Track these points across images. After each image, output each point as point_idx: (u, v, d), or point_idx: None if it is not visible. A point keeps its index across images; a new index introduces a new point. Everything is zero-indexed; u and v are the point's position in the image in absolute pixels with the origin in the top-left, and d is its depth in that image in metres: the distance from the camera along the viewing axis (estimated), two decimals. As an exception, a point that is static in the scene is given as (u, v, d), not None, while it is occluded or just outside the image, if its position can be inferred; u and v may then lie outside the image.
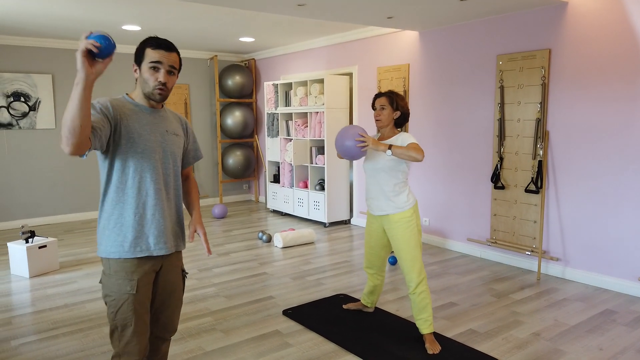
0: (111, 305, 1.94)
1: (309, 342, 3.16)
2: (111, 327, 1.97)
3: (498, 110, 4.78)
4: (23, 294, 4.11)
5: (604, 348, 3.05)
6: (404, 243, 3.04)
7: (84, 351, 3.07)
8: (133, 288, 1.92)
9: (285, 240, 5.46)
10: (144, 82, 1.94)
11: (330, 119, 6.34)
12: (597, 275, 4.18)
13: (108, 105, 1.88)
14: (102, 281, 1.97)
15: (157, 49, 1.92)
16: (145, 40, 1.96)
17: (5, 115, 6.44)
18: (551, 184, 4.45)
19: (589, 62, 4.10)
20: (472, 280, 4.34)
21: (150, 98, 1.97)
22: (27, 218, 6.77)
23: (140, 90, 1.98)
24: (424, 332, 3.07)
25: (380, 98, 3.12)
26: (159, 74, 1.93)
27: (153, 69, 1.92)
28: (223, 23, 5.56)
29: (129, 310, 1.93)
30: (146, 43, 1.94)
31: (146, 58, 1.92)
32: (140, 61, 1.95)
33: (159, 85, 1.93)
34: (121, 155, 1.91)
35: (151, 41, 1.94)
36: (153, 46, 1.92)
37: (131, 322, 1.94)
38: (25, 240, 4.56)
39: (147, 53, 1.92)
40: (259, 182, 8.61)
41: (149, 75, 1.93)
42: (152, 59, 1.91)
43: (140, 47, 1.95)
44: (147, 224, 1.96)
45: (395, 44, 5.80)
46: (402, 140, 3.03)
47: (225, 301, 3.89)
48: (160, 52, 1.92)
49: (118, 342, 1.96)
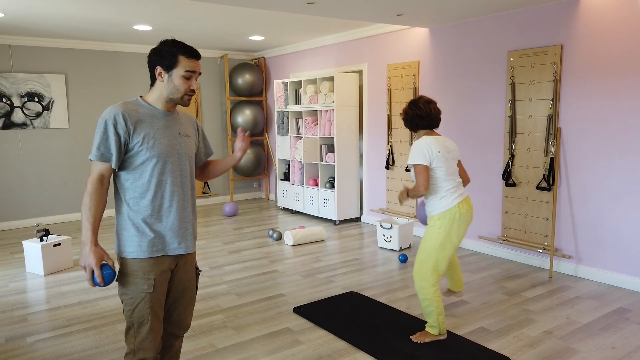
0: (128, 303, 1.97)
1: (319, 340, 3.17)
2: (127, 324, 1.99)
3: (509, 107, 4.74)
4: (38, 292, 4.17)
5: (617, 347, 3.03)
6: (421, 243, 3.06)
7: (97, 348, 3.11)
8: (150, 287, 1.95)
9: (296, 238, 5.48)
10: (174, 88, 1.96)
11: (340, 117, 6.34)
12: (609, 273, 4.14)
13: (121, 120, 1.88)
14: (119, 279, 1.99)
15: (191, 57, 1.95)
16: (174, 45, 1.94)
17: (20, 115, 6.54)
18: (563, 181, 4.41)
19: (601, 57, 4.06)
20: (483, 278, 4.32)
21: (178, 103, 2.02)
22: (42, 216, 6.87)
23: (161, 94, 1.98)
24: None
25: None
26: (192, 82, 1.98)
27: (187, 78, 1.96)
28: (233, 22, 5.59)
29: (146, 308, 1.96)
30: (178, 50, 1.93)
31: (179, 66, 1.93)
32: (170, 67, 1.94)
33: (191, 92, 1.99)
34: (138, 158, 1.93)
35: (184, 49, 1.94)
36: (187, 55, 1.94)
37: (147, 319, 1.97)
38: (40, 238, 4.63)
39: (181, 61, 1.93)
40: (269, 180, 8.64)
41: (182, 83, 1.95)
42: (188, 68, 1.94)
43: (169, 52, 1.93)
44: (164, 225, 2.00)
45: (405, 41, 5.78)
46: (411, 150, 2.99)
47: (236, 299, 3.92)
48: (193, 62, 1.96)
49: (134, 339, 1.99)
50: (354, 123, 6.52)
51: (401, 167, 5.98)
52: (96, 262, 1.85)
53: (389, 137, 6.08)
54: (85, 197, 1.87)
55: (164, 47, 1.95)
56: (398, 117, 5.94)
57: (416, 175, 2.93)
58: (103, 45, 7.01)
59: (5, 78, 6.40)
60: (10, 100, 6.45)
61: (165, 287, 2.04)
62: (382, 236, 5.31)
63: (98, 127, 1.90)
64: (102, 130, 1.88)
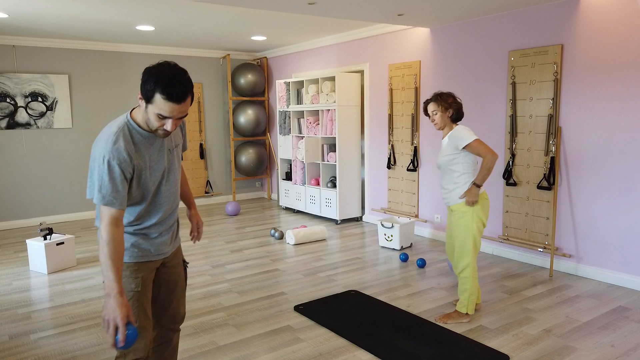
0: None
1: (320, 338, 3.20)
2: None
3: (510, 107, 4.76)
4: (41, 290, 4.21)
5: (616, 345, 3.04)
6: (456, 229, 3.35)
7: (100, 345, 3.14)
8: (138, 285, 1.95)
9: (297, 237, 5.50)
10: (148, 120, 1.79)
11: (341, 117, 6.36)
12: (610, 272, 4.15)
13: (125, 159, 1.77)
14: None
15: (169, 101, 1.69)
16: (158, 79, 1.68)
17: (24, 115, 6.58)
18: (564, 180, 4.42)
19: (602, 57, 4.07)
20: (483, 277, 4.34)
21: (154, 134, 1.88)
22: (45, 215, 6.91)
23: (143, 117, 1.83)
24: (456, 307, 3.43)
25: (430, 104, 3.37)
26: (166, 123, 1.77)
27: (160, 117, 1.75)
28: (235, 22, 5.61)
29: (135, 307, 1.94)
30: (158, 87, 1.68)
31: (155, 104, 1.71)
32: (148, 99, 1.72)
33: (166, 133, 1.82)
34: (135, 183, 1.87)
35: (165, 89, 1.68)
36: (165, 97, 1.68)
37: (136, 318, 1.95)
38: (44, 237, 4.67)
39: (157, 101, 1.70)
40: (271, 179, 8.67)
41: (154, 120, 1.76)
42: (161, 112, 1.72)
43: (150, 82, 1.69)
44: (155, 239, 2.01)
45: (407, 41, 5.80)
46: (455, 137, 3.23)
47: (237, 297, 3.95)
48: (171, 105, 1.71)
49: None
50: (355, 123, 6.54)
51: (402, 166, 6.00)
52: (122, 317, 1.70)
53: (391, 137, 6.10)
54: (103, 247, 1.72)
55: (150, 72, 1.71)
56: (399, 117, 5.96)
57: (478, 148, 3.18)
58: (106, 46, 7.05)
59: (9, 78, 6.45)
60: (14, 100, 6.50)
61: (152, 285, 2.04)
62: (383, 235, 5.33)
63: (99, 166, 1.73)
64: (107, 172, 1.73)
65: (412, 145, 5.83)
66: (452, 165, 3.29)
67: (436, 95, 3.33)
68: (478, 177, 3.23)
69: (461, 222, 3.30)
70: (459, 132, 3.25)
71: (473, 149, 3.20)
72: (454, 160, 3.28)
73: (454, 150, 3.26)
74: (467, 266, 3.31)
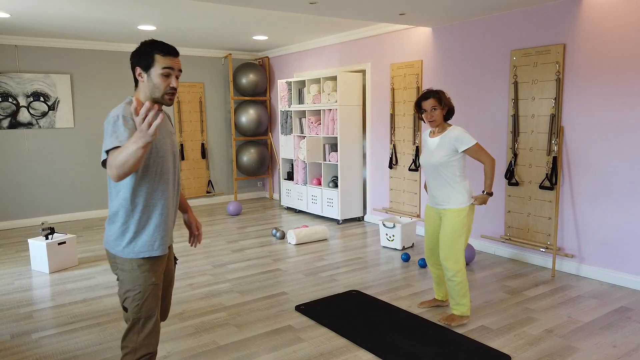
0: (136, 298, 1.99)
1: (321, 337, 3.19)
2: (133, 321, 2.01)
3: (512, 106, 4.74)
4: (43, 289, 4.22)
5: (618, 345, 3.03)
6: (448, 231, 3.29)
7: (102, 344, 3.15)
8: (157, 279, 2.03)
9: (299, 237, 5.50)
10: (154, 87, 1.95)
11: (343, 116, 6.36)
12: (612, 272, 4.14)
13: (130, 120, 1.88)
14: (123, 278, 2.01)
15: (167, 55, 1.94)
16: (150, 44, 1.94)
17: (26, 114, 6.59)
18: (566, 180, 4.41)
19: (604, 56, 4.05)
20: (485, 277, 4.33)
21: (160, 102, 1.99)
22: (47, 215, 6.92)
23: (146, 94, 1.97)
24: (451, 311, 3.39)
25: (429, 100, 3.22)
26: (171, 80, 1.96)
27: (165, 76, 1.94)
28: (236, 22, 5.61)
29: (154, 301, 2.01)
30: (154, 48, 1.93)
31: (156, 64, 1.93)
32: (148, 67, 1.94)
33: (172, 90, 1.97)
34: (145, 163, 1.95)
35: (159, 47, 1.94)
36: (163, 52, 1.94)
37: (154, 312, 2.02)
38: (45, 236, 4.68)
39: (157, 59, 1.93)
40: (273, 179, 8.67)
41: (161, 82, 1.94)
42: (165, 65, 1.93)
43: (145, 51, 1.93)
44: (167, 225, 2.06)
45: (408, 40, 5.79)
46: (454, 138, 3.16)
47: (239, 297, 3.95)
48: (170, 59, 1.95)
49: (136, 337, 2.01)
50: (357, 122, 6.53)
51: (404, 166, 5.99)
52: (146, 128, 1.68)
53: (392, 137, 6.09)
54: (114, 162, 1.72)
55: (141, 47, 1.96)
56: (401, 117, 5.96)
57: (479, 153, 3.15)
58: (108, 46, 7.06)
59: (12, 78, 6.46)
60: (16, 100, 6.51)
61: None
62: (384, 235, 5.32)
63: (114, 122, 1.84)
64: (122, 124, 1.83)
65: (414, 145, 5.82)
66: (447, 167, 3.19)
67: (435, 91, 3.23)
68: (487, 184, 3.19)
69: (457, 226, 3.22)
70: (459, 134, 3.15)
71: (473, 153, 3.15)
72: (449, 162, 3.18)
73: (451, 152, 3.17)
74: (461, 269, 3.25)
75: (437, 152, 3.21)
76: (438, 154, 3.20)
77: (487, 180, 3.18)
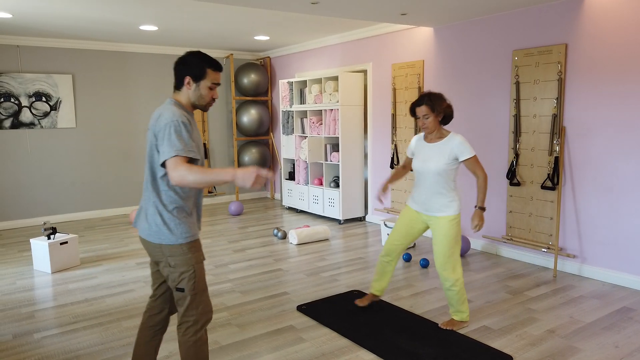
0: (191, 277, 2.20)
1: (322, 337, 3.19)
2: (190, 298, 2.21)
3: (514, 106, 4.74)
4: (45, 289, 4.22)
5: (620, 346, 3.03)
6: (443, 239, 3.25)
7: (103, 344, 3.15)
8: (203, 255, 2.28)
9: (300, 237, 5.50)
10: (200, 96, 2.22)
11: (344, 116, 6.36)
12: (614, 273, 4.13)
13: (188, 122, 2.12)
14: (174, 262, 2.19)
15: (217, 71, 2.22)
16: (202, 58, 2.18)
17: (28, 114, 6.61)
18: (568, 180, 4.40)
19: (606, 56, 4.05)
20: (487, 277, 4.33)
21: (200, 109, 2.28)
22: (49, 215, 6.94)
23: (188, 99, 2.23)
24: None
25: (420, 107, 3.11)
26: (214, 93, 2.25)
27: (211, 89, 2.22)
28: (238, 22, 5.62)
29: (202, 275, 2.25)
30: (206, 63, 2.18)
31: (207, 78, 2.19)
32: (198, 78, 2.19)
33: (212, 102, 2.27)
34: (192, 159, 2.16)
35: (212, 63, 2.20)
36: (214, 68, 2.20)
37: (205, 284, 2.27)
38: (47, 236, 4.69)
39: (209, 74, 2.19)
40: (274, 179, 8.67)
41: (207, 93, 2.22)
42: (215, 81, 2.22)
43: (198, 64, 2.17)
44: (200, 210, 2.34)
45: (410, 40, 5.78)
46: (456, 147, 3.09)
47: (240, 297, 3.95)
48: (219, 75, 2.24)
49: (196, 310, 2.23)
50: (358, 122, 6.53)
51: (406, 166, 5.98)
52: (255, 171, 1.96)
53: (394, 137, 6.09)
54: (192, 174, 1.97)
55: (192, 59, 2.18)
56: (403, 117, 5.95)
57: (475, 165, 3.11)
58: (110, 46, 7.07)
59: (14, 78, 6.47)
60: (18, 100, 6.52)
61: None
62: (386, 235, 5.32)
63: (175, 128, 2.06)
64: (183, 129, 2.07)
65: (416, 145, 5.82)
66: (444, 175, 3.12)
67: (426, 97, 3.10)
68: (481, 199, 3.11)
69: (452, 234, 3.15)
70: (461, 143, 3.08)
71: (470, 164, 3.10)
72: (447, 169, 3.11)
73: (451, 159, 3.10)
74: (459, 278, 3.20)
75: (438, 159, 3.12)
76: (439, 160, 3.12)
77: (481, 194, 3.11)
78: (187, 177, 1.98)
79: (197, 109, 2.28)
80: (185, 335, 2.23)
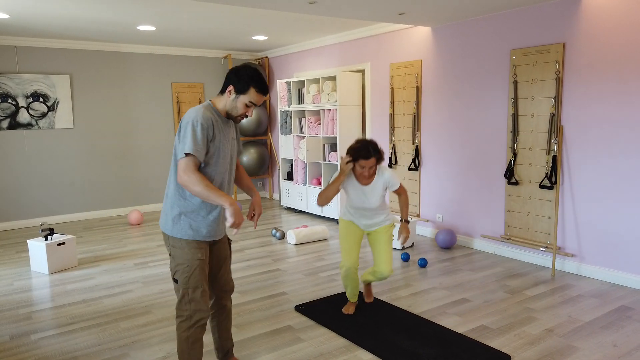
0: (184, 272, 2.29)
1: (320, 337, 3.19)
2: (182, 293, 2.30)
3: (512, 106, 4.74)
4: (42, 290, 4.21)
5: (618, 345, 3.03)
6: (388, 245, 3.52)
7: (101, 345, 3.14)
8: (203, 255, 2.33)
9: (299, 237, 5.50)
10: (235, 107, 2.31)
11: (343, 116, 6.35)
12: (612, 272, 4.13)
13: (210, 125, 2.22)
14: (173, 253, 2.31)
15: (260, 93, 2.29)
16: (252, 77, 2.25)
17: (25, 115, 6.59)
18: (566, 179, 4.40)
19: (604, 56, 4.05)
20: (485, 277, 4.33)
21: (232, 119, 2.36)
22: (47, 216, 6.92)
23: (225, 105, 2.32)
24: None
25: (369, 160, 3.18)
26: (249, 110, 2.33)
27: (248, 106, 2.30)
28: (236, 22, 5.61)
29: (201, 274, 2.31)
30: (253, 82, 2.25)
31: (248, 94, 2.27)
32: (240, 91, 2.27)
33: (244, 117, 2.35)
34: (208, 159, 2.26)
35: (259, 84, 2.26)
36: (258, 89, 2.27)
37: (201, 283, 2.31)
38: (45, 237, 4.67)
39: (251, 92, 2.27)
40: (272, 179, 8.66)
41: (242, 107, 2.30)
42: (253, 100, 2.29)
43: (246, 80, 2.24)
44: (214, 220, 2.36)
45: (408, 40, 5.78)
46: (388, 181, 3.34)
47: (239, 297, 3.94)
48: (260, 97, 2.30)
49: (189, 306, 2.31)
50: (356, 122, 6.53)
51: (404, 166, 5.99)
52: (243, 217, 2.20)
53: (392, 136, 6.09)
54: (197, 184, 2.13)
55: (244, 72, 2.26)
56: (401, 116, 5.95)
57: (402, 189, 3.43)
58: (107, 46, 7.06)
59: (11, 79, 6.46)
60: (15, 100, 6.50)
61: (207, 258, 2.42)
62: (384, 235, 5.31)
63: (193, 127, 2.16)
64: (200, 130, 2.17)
65: (414, 145, 5.82)
66: (381, 201, 3.40)
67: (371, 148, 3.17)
68: (405, 212, 3.43)
69: (391, 238, 3.46)
70: (392, 177, 3.35)
71: (399, 189, 3.40)
72: (383, 196, 3.40)
73: (384, 189, 3.38)
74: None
75: (374, 194, 3.33)
76: (376, 195, 3.33)
77: (405, 209, 3.43)
78: (193, 187, 2.13)
79: (229, 118, 2.35)
80: (179, 328, 2.35)
